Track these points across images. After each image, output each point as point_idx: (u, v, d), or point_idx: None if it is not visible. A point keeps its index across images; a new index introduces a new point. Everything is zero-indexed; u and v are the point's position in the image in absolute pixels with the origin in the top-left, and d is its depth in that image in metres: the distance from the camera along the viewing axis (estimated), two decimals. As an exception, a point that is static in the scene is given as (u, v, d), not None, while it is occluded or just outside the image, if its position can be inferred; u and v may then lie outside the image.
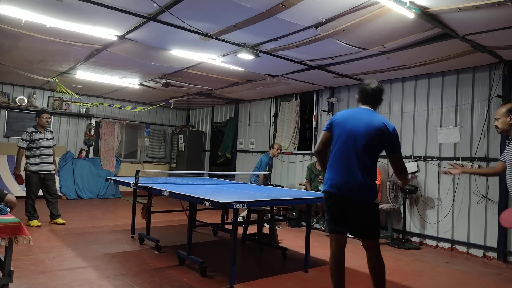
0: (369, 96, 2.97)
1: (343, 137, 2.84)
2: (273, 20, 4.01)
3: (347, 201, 2.80)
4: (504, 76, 5.06)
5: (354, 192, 2.77)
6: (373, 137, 2.76)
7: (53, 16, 4.19)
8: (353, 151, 2.77)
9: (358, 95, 3.04)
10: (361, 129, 2.78)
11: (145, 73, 6.94)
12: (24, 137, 5.74)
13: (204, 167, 11.05)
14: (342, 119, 2.92)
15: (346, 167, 2.79)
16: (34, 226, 5.62)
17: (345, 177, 2.78)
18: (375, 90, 2.95)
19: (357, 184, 2.75)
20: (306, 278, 3.91)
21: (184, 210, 4.38)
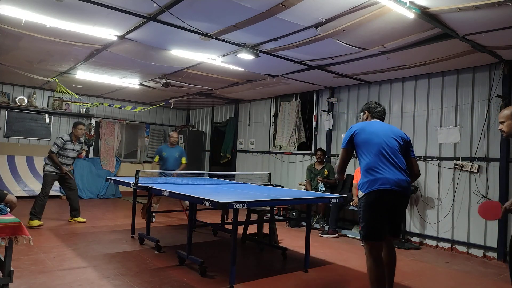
0: (380, 114, 3.31)
1: (376, 140, 3.00)
2: (273, 20, 4.01)
3: (399, 197, 2.94)
4: (504, 76, 5.06)
5: (404, 187, 2.93)
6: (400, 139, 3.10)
7: (53, 16, 4.19)
8: (392, 150, 2.99)
9: (367, 113, 3.34)
10: (389, 133, 3.06)
11: (145, 73, 6.94)
12: (58, 142, 5.90)
13: (204, 167, 11.05)
14: (363, 127, 3.11)
15: (392, 165, 2.94)
16: (36, 225, 5.60)
17: (395, 174, 2.92)
18: (383, 111, 3.36)
19: (405, 181, 2.95)
20: (306, 278, 3.91)
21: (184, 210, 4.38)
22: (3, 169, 8.30)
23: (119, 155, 10.53)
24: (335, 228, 6.14)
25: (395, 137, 3.07)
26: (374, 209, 2.89)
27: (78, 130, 6.03)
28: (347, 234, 6.20)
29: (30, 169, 8.62)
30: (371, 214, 2.90)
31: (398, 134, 3.12)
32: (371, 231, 2.90)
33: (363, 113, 3.41)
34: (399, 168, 2.96)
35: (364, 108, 3.41)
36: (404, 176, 2.96)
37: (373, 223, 2.90)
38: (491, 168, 5.13)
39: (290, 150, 8.16)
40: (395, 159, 2.97)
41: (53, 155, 5.85)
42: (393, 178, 2.90)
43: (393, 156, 2.97)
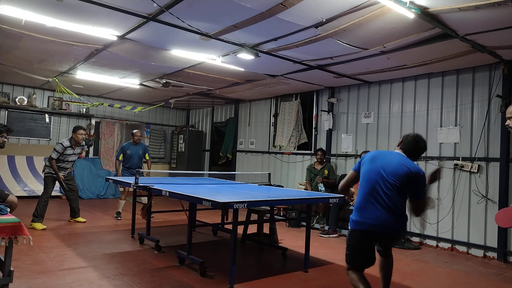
0: (409, 150, 2.87)
1: (373, 176, 2.79)
2: (273, 20, 4.01)
3: (384, 237, 2.85)
4: (504, 76, 5.06)
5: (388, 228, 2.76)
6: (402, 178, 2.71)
7: (53, 16, 4.19)
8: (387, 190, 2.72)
9: (401, 142, 2.93)
10: (393, 170, 2.73)
11: (145, 73, 6.94)
12: (58, 149, 5.85)
13: (204, 167, 11.05)
14: (374, 157, 2.90)
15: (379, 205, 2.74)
16: (40, 229, 5.48)
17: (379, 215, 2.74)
18: (415, 148, 2.87)
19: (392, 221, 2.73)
20: (306, 278, 3.91)
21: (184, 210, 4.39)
22: (3, 169, 8.30)
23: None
24: (335, 228, 6.14)
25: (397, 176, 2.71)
26: (356, 247, 2.83)
27: (79, 135, 5.98)
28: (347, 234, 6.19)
29: (30, 169, 8.62)
30: (353, 249, 2.84)
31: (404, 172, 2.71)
32: (352, 261, 2.84)
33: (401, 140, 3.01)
34: (388, 208, 2.71)
35: (404, 137, 2.98)
36: (392, 217, 2.71)
37: (354, 257, 2.83)
38: (491, 168, 5.13)
39: (290, 150, 8.16)
40: (385, 199, 2.71)
41: (52, 162, 5.80)
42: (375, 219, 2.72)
43: (384, 196, 2.71)
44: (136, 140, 6.96)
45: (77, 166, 9.22)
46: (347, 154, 7.02)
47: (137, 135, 6.98)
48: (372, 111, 6.66)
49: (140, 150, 7.00)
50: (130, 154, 6.88)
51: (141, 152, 7.01)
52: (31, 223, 5.55)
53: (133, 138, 6.97)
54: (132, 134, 7.03)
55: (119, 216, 6.64)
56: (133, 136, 6.98)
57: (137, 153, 6.94)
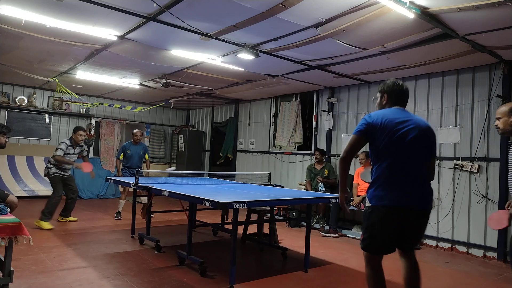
0: (403, 97, 2.71)
1: (402, 143, 2.47)
2: (273, 20, 4.01)
3: (417, 214, 2.52)
4: (504, 76, 5.06)
5: (426, 203, 2.54)
6: (432, 142, 2.62)
7: (53, 16, 4.19)
8: (419, 159, 2.52)
9: (387, 96, 2.72)
10: (420, 134, 2.53)
11: (145, 73, 6.94)
12: (63, 147, 5.88)
13: (204, 167, 11.05)
14: (386, 117, 2.53)
15: (417, 177, 2.50)
16: (46, 228, 5.47)
17: (418, 187, 2.50)
18: (406, 90, 2.73)
19: (429, 196, 2.56)
20: (306, 278, 3.91)
21: (184, 210, 4.39)
22: (3, 169, 8.30)
23: (119, 155, 10.52)
24: (335, 228, 6.14)
25: (429, 139, 2.58)
26: (380, 224, 2.49)
27: (78, 136, 5.99)
28: (347, 234, 6.20)
29: (30, 169, 8.62)
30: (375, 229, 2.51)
31: (431, 132, 2.62)
32: (372, 245, 2.54)
33: (380, 96, 2.78)
34: (424, 179, 2.54)
35: (382, 89, 2.77)
36: (429, 189, 2.56)
37: (375, 240, 2.52)
38: (491, 168, 5.13)
39: (290, 150, 8.16)
40: (423, 168, 2.52)
41: (59, 157, 5.79)
42: (415, 194, 2.47)
43: (421, 164, 2.52)
44: (136, 140, 7.00)
45: (77, 166, 9.22)
46: (347, 154, 7.00)
47: (137, 135, 7.01)
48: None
49: (141, 150, 7.04)
50: (130, 154, 6.91)
51: (142, 152, 7.05)
52: (38, 220, 5.54)
53: (134, 138, 7.00)
54: (133, 134, 7.06)
55: (119, 216, 6.64)
56: (134, 136, 7.02)
57: (137, 152, 6.97)
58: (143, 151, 7.09)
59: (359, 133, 2.56)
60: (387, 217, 2.47)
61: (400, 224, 2.50)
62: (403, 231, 2.53)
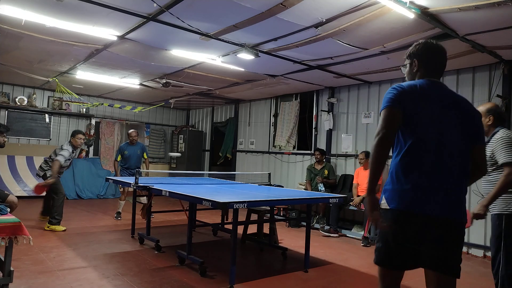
0: (439, 65, 2.08)
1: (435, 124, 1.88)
2: (273, 20, 4.01)
3: (447, 227, 1.85)
4: (504, 76, 5.06)
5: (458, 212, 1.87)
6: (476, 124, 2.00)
7: (53, 16, 4.19)
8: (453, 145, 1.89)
9: (418, 62, 2.09)
10: (457, 115, 1.93)
11: (145, 73, 6.94)
12: (67, 155, 5.63)
13: (204, 167, 11.05)
14: (422, 93, 1.93)
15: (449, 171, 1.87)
16: (61, 230, 5.44)
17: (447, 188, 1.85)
18: (445, 55, 2.09)
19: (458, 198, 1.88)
20: (306, 278, 3.91)
21: (184, 210, 4.39)
22: (3, 169, 8.30)
23: (119, 155, 10.53)
24: (335, 228, 6.14)
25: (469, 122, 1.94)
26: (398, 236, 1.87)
27: (77, 139, 5.78)
28: (347, 234, 6.20)
29: (30, 169, 8.62)
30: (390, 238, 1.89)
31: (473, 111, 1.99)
32: (385, 256, 1.92)
33: (410, 62, 2.16)
34: (457, 172, 1.87)
35: (412, 53, 2.14)
36: (460, 187, 1.88)
37: (390, 250, 1.90)
38: (491, 168, 5.13)
39: (290, 150, 8.16)
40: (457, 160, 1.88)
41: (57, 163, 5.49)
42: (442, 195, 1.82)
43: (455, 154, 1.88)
44: (132, 140, 6.90)
45: (77, 166, 9.23)
46: (347, 154, 7.02)
47: (132, 135, 6.92)
48: (372, 111, 6.66)
49: (138, 150, 6.96)
50: (128, 155, 6.83)
51: (139, 151, 6.97)
52: (49, 225, 5.43)
53: (130, 138, 6.92)
54: (128, 135, 6.98)
55: (119, 216, 6.62)
56: (129, 136, 6.94)
57: (135, 153, 6.89)
58: (141, 151, 7.01)
59: (392, 105, 1.86)
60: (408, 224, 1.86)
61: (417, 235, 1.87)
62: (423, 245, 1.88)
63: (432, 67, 2.04)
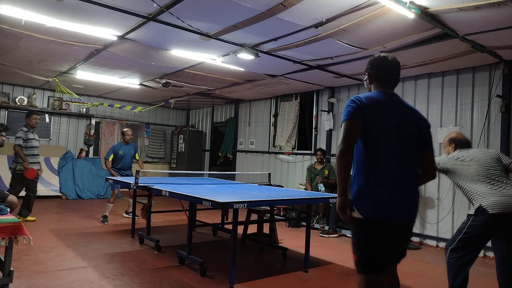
0: (389, 75, 2.21)
1: (389, 132, 2.07)
2: (273, 20, 4.01)
3: (407, 226, 2.17)
4: (504, 76, 5.06)
5: (414, 212, 2.15)
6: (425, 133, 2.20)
7: (53, 16, 4.19)
8: (410, 153, 2.12)
9: (373, 74, 2.24)
10: (408, 124, 2.14)
11: (145, 73, 6.94)
12: (21, 135, 5.83)
13: (204, 167, 11.05)
14: (376, 105, 2.11)
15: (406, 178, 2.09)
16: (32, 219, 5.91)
17: (406, 193, 2.08)
18: (395, 66, 2.22)
19: (415, 202, 2.14)
20: (306, 278, 3.91)
21: (184, 210, 4.38)
22: (3, 169, 8.29)
23: (119, 155, 10.53)
24: (335, 228, 6.14)
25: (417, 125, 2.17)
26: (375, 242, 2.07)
27: (33, 119, 5.95)
28: (347, 234, 6.20)
29: (30, 169, 8.60)
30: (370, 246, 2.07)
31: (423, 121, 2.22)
32: (371, 263, 2.08)
33: (367, 76, 2.31)
34: (412, 180, 2.13)
35: (366, 67, 2.29)
36: (415, 193, 2.14)
37: (373, 255, 2.08)
38: (491, 168, 5.13)
39: (289, 150, 8.16)
40: (410, 166, 2.12)
41: (18, 148, 5.70)
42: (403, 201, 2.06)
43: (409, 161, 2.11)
44: (127, 139, 6.66)
45: (77, 166, 9.23)
46: (347, 154, 7.01)
47: (128, 134, 6.65)
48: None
49: (132, 150, 6.76)
50: (122, 154, 6.58)
51: (133, 151, 6.77)
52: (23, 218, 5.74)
53: (124, 137, 6.64)
54: (123, 133, 6.69)
55: (106, 220, 6.22)
56: (124, 135, 6.65)
57: (129, 153, 6.68)
58: (134, 151, 6.81)
59: (353, 118, 2.03)
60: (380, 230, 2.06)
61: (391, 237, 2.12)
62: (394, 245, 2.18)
63: (385, 80, 2.21)
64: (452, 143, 3.46)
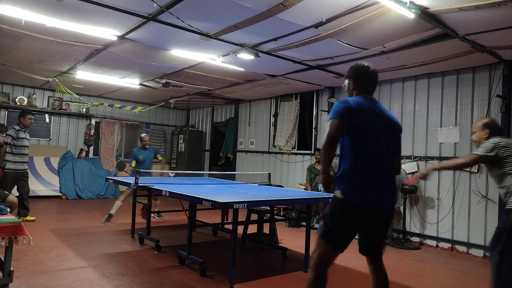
0: (371, 83, 2.48)
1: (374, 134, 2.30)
2: (273, 20, 4.01)
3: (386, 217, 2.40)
4: (504, 76, 5.06)
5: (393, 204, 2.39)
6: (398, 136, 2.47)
7: (53, 16, 4.19)
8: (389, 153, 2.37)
9: (353, 82, 2.48)
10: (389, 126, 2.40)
11: (145, 73, 6.94)
12: (11, 133, 5.76)
13: (204, 167, 11.05)
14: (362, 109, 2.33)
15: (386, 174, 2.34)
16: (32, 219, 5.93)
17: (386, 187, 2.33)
18: (375, 74, 2.51)
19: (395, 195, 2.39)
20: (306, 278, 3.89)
21: (184, 210, 4.38)
22: (3, 169, 8.30)
23: (119, 155, 10.53)
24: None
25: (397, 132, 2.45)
26: (349, 223, 2.29)
27: (27, 119, 5.91)
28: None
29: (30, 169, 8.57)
30: (342, 225, 2.28)
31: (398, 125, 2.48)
32: (336, 239, 2.30)
33: (347, 82, 2.54)
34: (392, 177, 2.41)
35: (348, 74, 2.53)
36: (395, 187, 2.40)
37: (341, 234, 2.30)
38: (491, 168, 5.13)
39: (289, 150, 8.16)
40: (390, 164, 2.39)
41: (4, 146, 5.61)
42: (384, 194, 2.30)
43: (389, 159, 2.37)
44: (145, 144, 6.91)
45: (77, 166, 9.24)
46: (347, 154, 7.01)
47: (145, 140, 6.92)
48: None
49: (152, 154, 6.99)
50: (142, 159, 6.81)
51: (153, 154, 7.02)
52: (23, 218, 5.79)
53: (142, 143, 6.90)
54: (141, 139, 6.97)
55: (109, 220, 6.24)
56: (142, 141, 6.91)
57: (149, 157, 6.93)
58: (154, 154, 7.05)
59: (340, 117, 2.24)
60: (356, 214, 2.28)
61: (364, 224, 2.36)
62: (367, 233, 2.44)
63: (365, 86, 2.48)
64: (487, 129, 3.16)
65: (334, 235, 2.30)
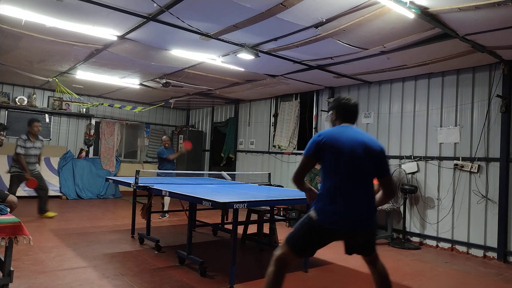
0: (351, 114, 2.70)
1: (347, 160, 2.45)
2: (273, 20, 4.01)
3: (357, 236, 2.51)
4: (504, 76, 5.06)
5: (365, 225, 2.48)
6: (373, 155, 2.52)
7: (53, 16, 4.19)
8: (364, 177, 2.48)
9: (336, 113, 2.73)
10: (366, 151, 2.48)
11: (145, 73, 6.94)
12: (21, 143, 6.10)
13: (204, 167, 11.05)
14: (336, 138, 2.51)
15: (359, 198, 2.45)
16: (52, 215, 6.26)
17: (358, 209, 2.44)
18: (355, 107, 2.72)
19: (369, 217, 2.48)
20: (306, 278, 3.91)
21: (184, 210, 4.39)
22: (3, 169, 8.29)
23: (119, 155, 10.53)
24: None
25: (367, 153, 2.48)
26: (314, 239, 2.50)
27: (34, 127, 6.20)
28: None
29: (30, 169, 8.60)
30: (308, 238, 2.50)
31: (370, 147, 2.51)
32: (301, 248, 2.52)
33: (331, 112, 2.80)
34: (365, 199, 2.47)
35: (331, 106, 2.81)
36: (369, 209, 2.47)
37: (305, 246, 2.51)
38: (491, 168, 5.13)
39: (290, 150, 8.16)
40: (363, 186, 2.47)
41: (21, 157, 6.03)
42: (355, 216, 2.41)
43: (361, 182, 2.46)
44: (166, 145, 7.45)
45: (77, 166, 9.24)
46: (347, 154, 7.01)
47: (166, 141, 7.51)
48: (372, 111, 6.66)
49: (172, 152, 7.57)
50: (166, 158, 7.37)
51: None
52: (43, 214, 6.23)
53: (164, 144, 7.45)
54: (162, 141, 7.58)
55: (166, 214, 7.02)
56: (164, 142, 7.49)
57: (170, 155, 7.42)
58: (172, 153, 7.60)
59: (308, 155, 2.57)
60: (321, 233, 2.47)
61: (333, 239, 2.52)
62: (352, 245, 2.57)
63: (347, 116, 2.69)
64: None
65: (298, 244, 2.51)
